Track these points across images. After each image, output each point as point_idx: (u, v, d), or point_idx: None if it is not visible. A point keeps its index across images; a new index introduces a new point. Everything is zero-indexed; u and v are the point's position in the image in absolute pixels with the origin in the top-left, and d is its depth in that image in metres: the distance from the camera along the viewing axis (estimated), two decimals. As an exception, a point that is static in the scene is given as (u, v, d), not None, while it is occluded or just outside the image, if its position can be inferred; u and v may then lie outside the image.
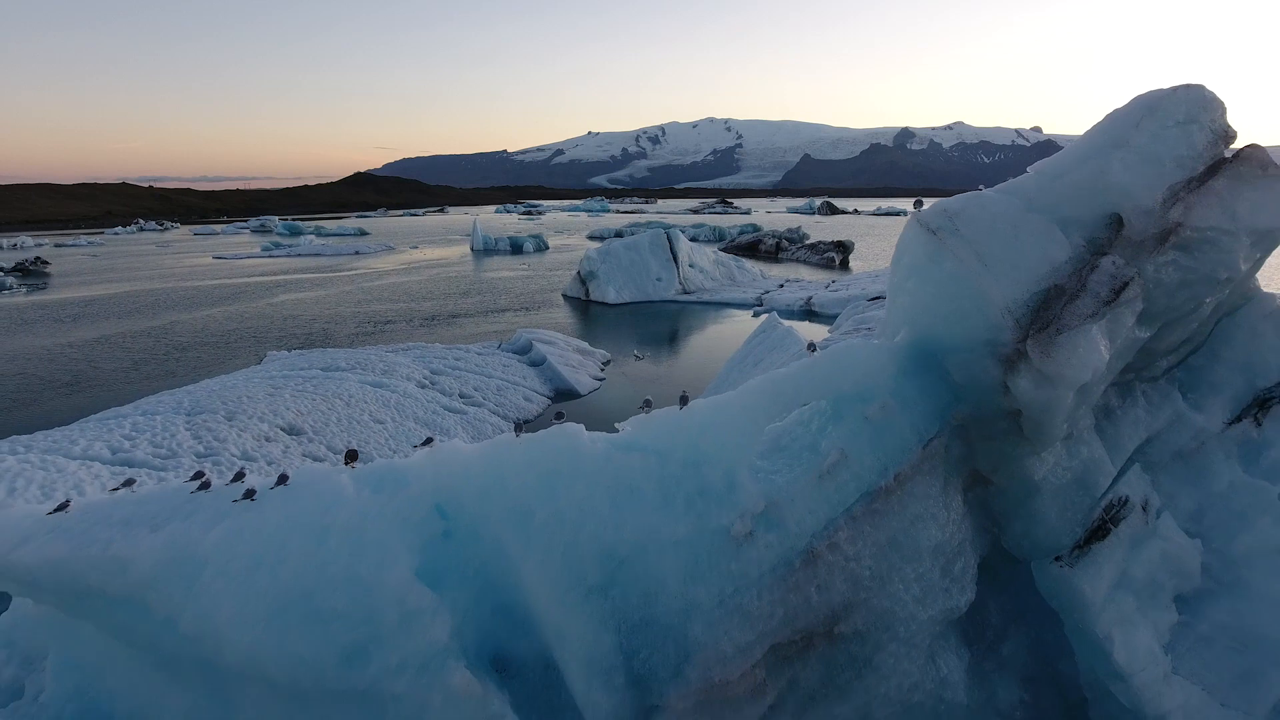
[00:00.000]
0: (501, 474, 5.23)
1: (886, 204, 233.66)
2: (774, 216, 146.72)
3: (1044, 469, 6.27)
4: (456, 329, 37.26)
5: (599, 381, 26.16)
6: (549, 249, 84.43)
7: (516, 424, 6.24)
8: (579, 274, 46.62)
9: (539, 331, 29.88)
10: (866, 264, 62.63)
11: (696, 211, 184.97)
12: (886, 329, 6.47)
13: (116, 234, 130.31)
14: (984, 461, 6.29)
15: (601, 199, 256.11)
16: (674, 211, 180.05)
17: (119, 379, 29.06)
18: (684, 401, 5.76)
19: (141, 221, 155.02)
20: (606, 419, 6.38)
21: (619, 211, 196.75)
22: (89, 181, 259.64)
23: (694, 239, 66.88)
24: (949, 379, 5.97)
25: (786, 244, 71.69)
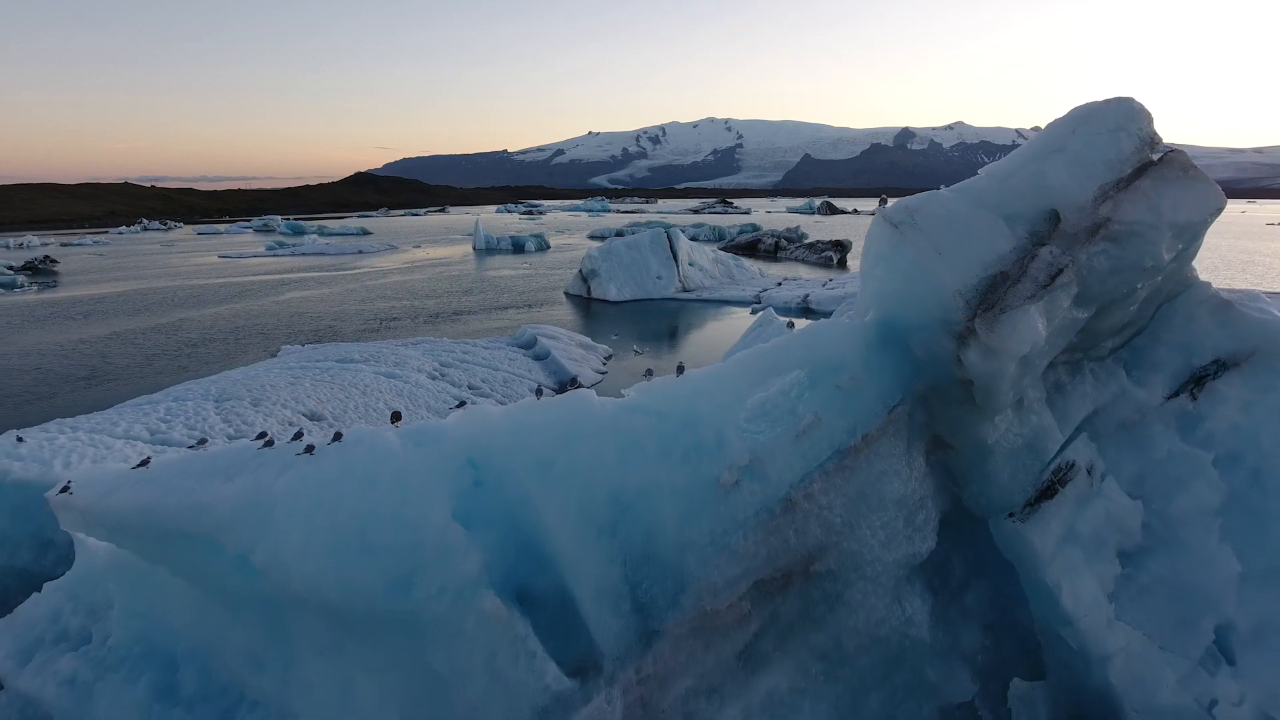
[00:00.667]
0: (524, 431, 6.12)
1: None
2: (774, 216, 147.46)
3: (997, 434, 7.14)
4: (461, 325, 38.14)
5: (601, 375, 27.08)
6: (550, 248, 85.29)
7: (537, 389, 7.12)
8: (581, 272, 47.49)
9: (543, 327, 30.77)
10: (864, 263, 63.33)
11: (697, 211, 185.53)
12: (857, 310, 7.38)
13: (121, 233, 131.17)
14: (944, 427, 7.18)
15: (602, 199, 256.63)
16: (674, 211, 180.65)
17: (134, 373, 29.91)
18: (680, 371, 6.68)
19: (145, 221, 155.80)
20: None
21: (619, 211, 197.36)
22: (91, 181, 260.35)
23: (694, 238, 67.70)
24: (911, 354, 6.88)
25: (785, 243, 72.50)
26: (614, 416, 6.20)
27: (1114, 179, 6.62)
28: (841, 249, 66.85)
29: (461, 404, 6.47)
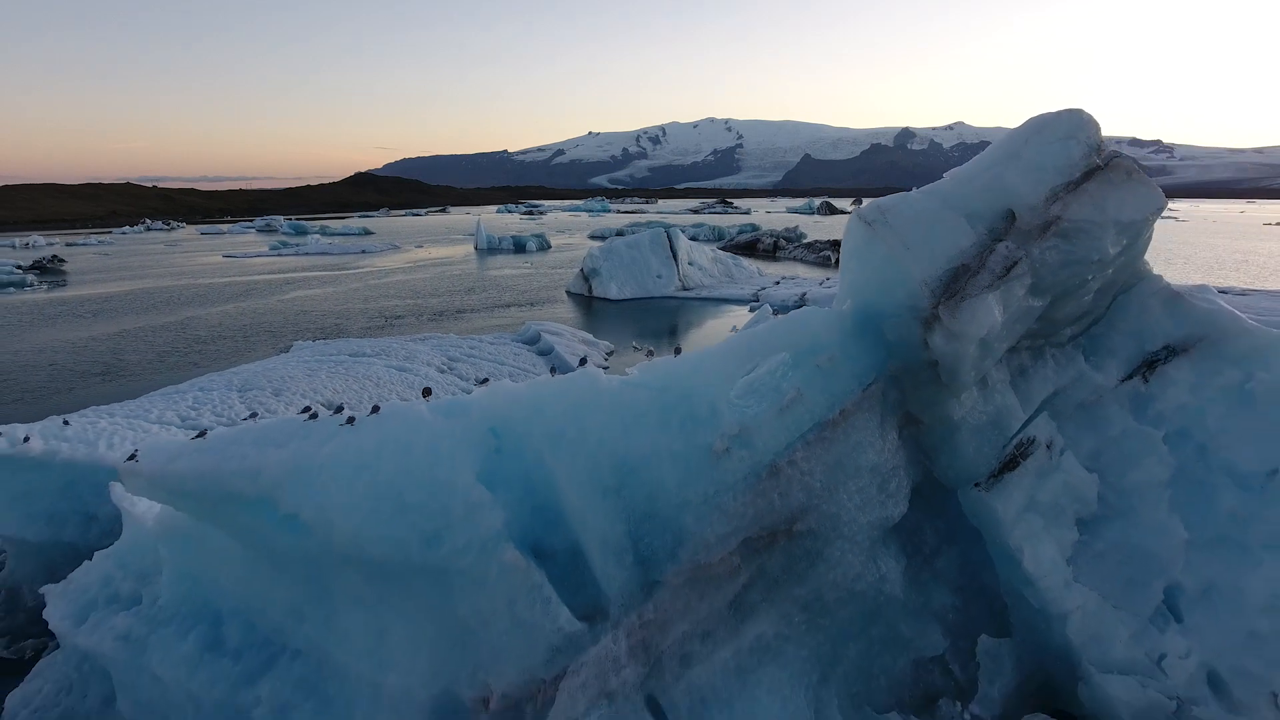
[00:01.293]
0: (540, 404, 6.92)
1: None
2: (773, 216, 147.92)
3: (963, 410, 7.95)
4: (465, 322, 38.90)
5: (603, 370, 27.86)
6: (551, 248, 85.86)
7: (552, 368, 7.94)
8: (582, 271, 48.20)
9: (546, 324, 31.53)
10: (861, 262, 63.93)
11: (696, 211, 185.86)
12: (836, 299, 8.21)
13: (124, 233, 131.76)
14: (915, 404, 7.99)
15: (602, 199, 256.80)
16: (674, 211, 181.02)
17: (147, 369, 30.62)
18: (678, 352, 7.51)
19: (148, 221, 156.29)
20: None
21: (620, 211, 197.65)
22: (93, 181, 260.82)
23: (694, 238, 68.37)
24: (884, 338, 7.70)
25: (784, 243, 73.19)
26: (619, 391, 7.01)
27: (1064, 182, 7.44)
28: (839, 249, 67.40)
29: (484, 381, 7.28)
